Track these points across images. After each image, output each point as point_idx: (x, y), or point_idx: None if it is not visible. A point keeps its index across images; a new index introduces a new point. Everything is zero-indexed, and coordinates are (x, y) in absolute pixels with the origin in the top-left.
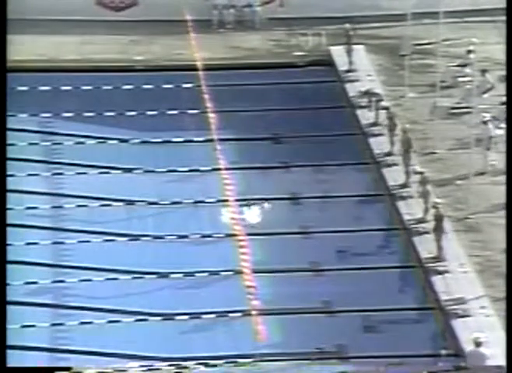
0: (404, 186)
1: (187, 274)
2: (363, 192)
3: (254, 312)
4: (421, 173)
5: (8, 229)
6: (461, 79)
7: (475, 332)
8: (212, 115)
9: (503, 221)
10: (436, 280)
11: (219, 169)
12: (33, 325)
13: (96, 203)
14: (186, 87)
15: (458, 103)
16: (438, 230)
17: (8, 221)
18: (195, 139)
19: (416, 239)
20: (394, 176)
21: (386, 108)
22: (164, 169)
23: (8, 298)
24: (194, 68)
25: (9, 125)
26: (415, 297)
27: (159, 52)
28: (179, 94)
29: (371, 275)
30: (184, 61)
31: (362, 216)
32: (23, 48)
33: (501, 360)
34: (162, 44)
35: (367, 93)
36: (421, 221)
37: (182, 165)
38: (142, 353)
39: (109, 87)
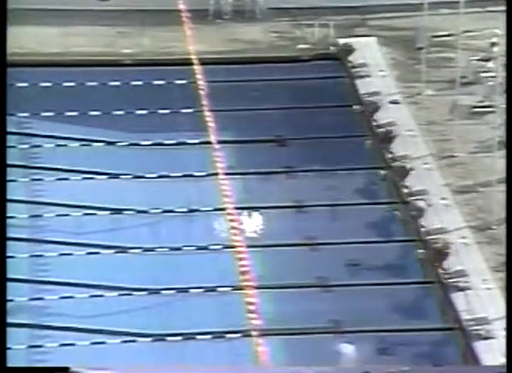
0: (421, 192)
1: (180, 290)
2: (375, 200)
3: (255, 332)
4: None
5: None
6: (483, 75)
7: (497, 354)
8: (208, 114)
9: None
10: (457, 297)
11: (216, 174)
12: (8, 348)
13: (79, 212)
14: (179, 83)
15: (480, 102)
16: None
17: None
18: (190, 141)
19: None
20: (410, 181)
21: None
22: (155, 175)
23: None
24: (188, 63)
25: None
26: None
27: (150, 45)
28: (171, 91)
29: (384, 291)
30: (177, 54)
31: (375, 225)
32: None
33: None
34: (152, 36)
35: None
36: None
37: (175, 170)
38: None
39: (94, 83)
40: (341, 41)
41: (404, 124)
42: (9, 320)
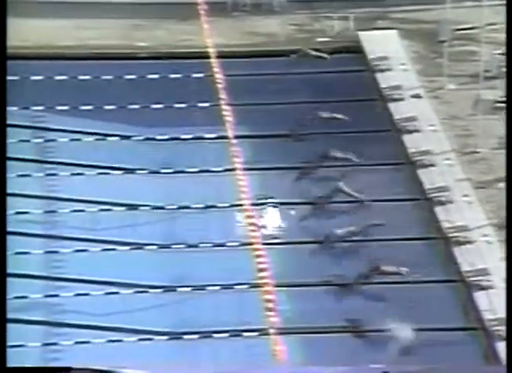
0: (443, 189)
1: (196, 288)
2: (396, 196)
3: (272, 331)
4: None
5: None
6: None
7: None
8: (225, 108)
9: None
10: (479, 296)
11: (233, 170)
12: (21, 345)
13: (95, 208)
14: (196, 77)
15: (504, 96)
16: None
17: None
18: (206, 136)
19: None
20: (432, 177)
21: None
22: (171, 170)
23: None
24: (205, 56)
25: None
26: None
27: (166, 38)
28: (188, 85)
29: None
30: (194, 47)
31: (396, 222)
32: (12, 33)
33: None
34: (168, 29)
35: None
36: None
37: (191, 165)
38: None
39: (109, 77)
40: (362, 34)
41: (425, 119)
42: (24, 317)
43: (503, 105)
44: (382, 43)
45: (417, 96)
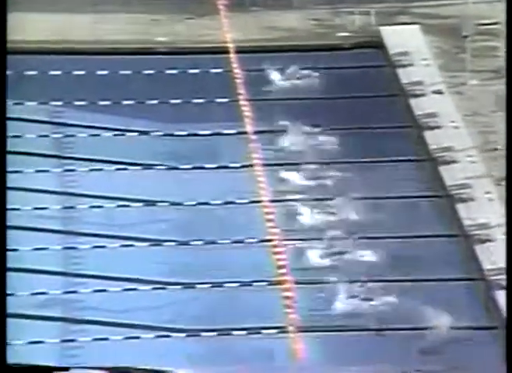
0: (465, 186)
1: (215, 285)
2: (417, 193)
3: (292, 328)
4: None
5: (14, 232)
6: None
7: None
8: (244, 104)
9: None
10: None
11: (252, 166)
12: (40, 342)
13: (113, 204)
14: (215, 72)
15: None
16: None
17: (14, 223)
18: (225, 131)
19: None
20: (453, 174)
21: None
22: (190, 166)
23: (14, 310)
24: (223, 51)
25: (15, 114)
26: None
27: (185, 33)
28: (207, 80)
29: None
30: (213, 42)
31: (418, 219)
32: (29, 27)
33: None
34: (187, 24)
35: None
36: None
37: (210, 161)
38: None
39: (127, 72)
40: (383, 29)
41: (447, 115)
42: (42, 313)
43: None
44: (404, 39)
45: (439, 92)
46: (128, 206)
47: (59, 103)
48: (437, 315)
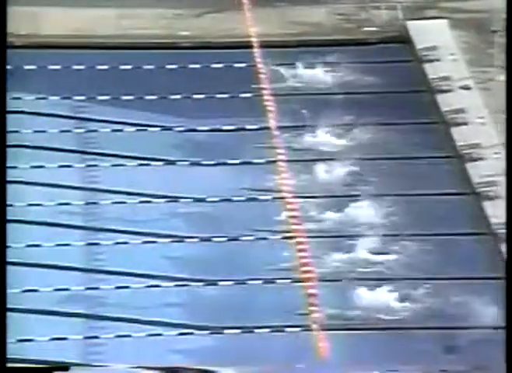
0: (491, 184)
1: (237, 282)
2: (444, 190)
3: (315, 326)
4: None
5: (36, 228)
6: None
7: None
8: (268, 99)
9: None
10: None
11: (275, 162)
12: (64, 338)
13: (135, 200)
14: (238, 67)
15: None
16: None
17: (36, 219)
18: (249, 127)
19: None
20: (480, 171)
21: None
22: (213, 161)
23: (36, 306)
24: (247, 46)
25: (37, 109)
26: None
27: (208, 27)
28: (230, 75)
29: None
30: (236, 37)
31: (443, 217)
32: (53, 22)
33: None
34: (211, 18)
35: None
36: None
37: (233, 157)
38: None
39: (150, 66)
40: (410, 24)
41: (475, 111)
42: (65, 310)
43: None
44: (431, 33)
45: (466, 88)
46: (150, 202)
47: (82, 98)
48: None
